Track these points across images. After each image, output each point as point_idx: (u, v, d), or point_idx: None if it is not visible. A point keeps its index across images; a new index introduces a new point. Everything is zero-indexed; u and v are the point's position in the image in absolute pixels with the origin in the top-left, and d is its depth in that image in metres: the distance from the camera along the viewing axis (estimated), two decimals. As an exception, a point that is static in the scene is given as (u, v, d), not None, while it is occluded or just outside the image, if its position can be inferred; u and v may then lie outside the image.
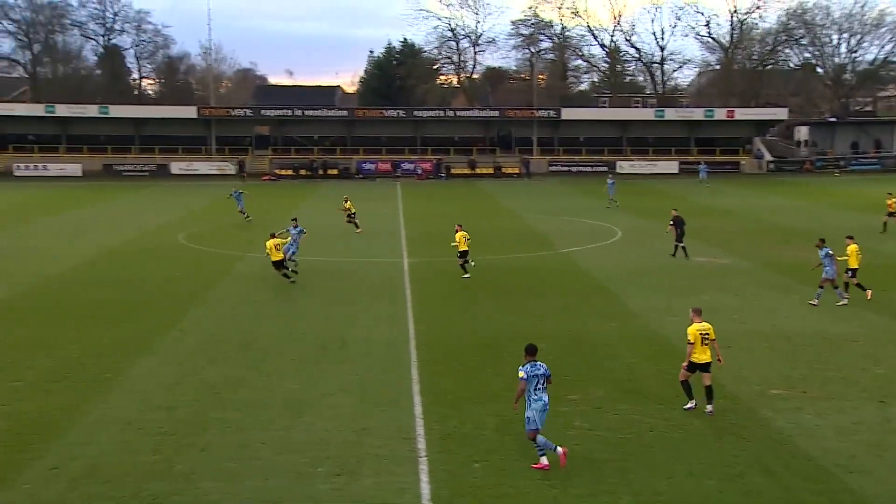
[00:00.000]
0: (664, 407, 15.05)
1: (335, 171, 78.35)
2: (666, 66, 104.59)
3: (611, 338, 19.75)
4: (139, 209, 49.98)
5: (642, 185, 67.03)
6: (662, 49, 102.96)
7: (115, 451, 13.12)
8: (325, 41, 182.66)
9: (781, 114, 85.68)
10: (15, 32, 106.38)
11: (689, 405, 14.74)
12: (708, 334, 14.50)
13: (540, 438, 12.45)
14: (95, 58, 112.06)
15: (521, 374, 12.36)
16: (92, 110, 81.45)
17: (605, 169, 79.41)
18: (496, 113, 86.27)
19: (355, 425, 14.18)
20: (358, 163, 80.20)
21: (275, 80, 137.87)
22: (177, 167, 79.39)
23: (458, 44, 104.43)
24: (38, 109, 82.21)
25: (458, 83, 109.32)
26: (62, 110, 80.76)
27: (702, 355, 14.47)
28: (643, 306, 22.98)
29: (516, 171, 78.63)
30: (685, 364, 14.60)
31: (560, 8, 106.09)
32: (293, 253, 28.53)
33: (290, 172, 77.85)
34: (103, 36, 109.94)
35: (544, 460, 12.46)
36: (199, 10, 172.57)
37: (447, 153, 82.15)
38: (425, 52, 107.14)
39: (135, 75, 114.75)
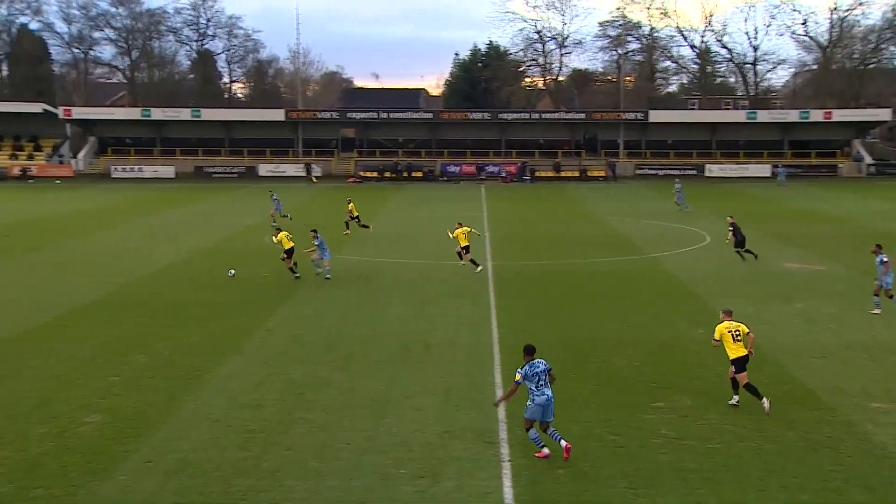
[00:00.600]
0: (755, 417, 14.64)
1: (419, 174, 78.90)
2: (759, 67, 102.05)
3: (699, 345, 19.32)
4: (228, 210, 51.28)
5: (732, 188, 65.47)
6: (755, 49, 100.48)
7: (205, 447, 13.48)
8: (410, 44, 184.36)
9: (884, 115, 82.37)
10: (115, 40, 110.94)
11: (765, 403, 14.73)
12: (738, 331, 14.96)
13: (532, 433, 12.96)
14: (189, 63, 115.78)
15: (518, 376, 12.86)
16: (185, 114, 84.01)
17: (693, 172, 77.92)
18: (582, 115, 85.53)
19: (438, 428, 14.23)
20: (442, 165, 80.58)
21: (361, 82, 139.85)
22: (264, 169, 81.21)
23: (543, 46, 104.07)
24: (134, 113, 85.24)
25: (543, 85, 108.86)
26: (157, 114, 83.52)
27: (736, 352, 14.88)
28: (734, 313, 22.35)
29: (602, 174, 77.77)
30: (732, 369, 14.95)
31: (649, 9, 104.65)
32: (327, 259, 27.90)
33: (374, 174, 78.76)
34: (196, 41, 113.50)
35: (546, 450, 12.91)
36: (288, 14, 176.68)
37: (532, 156, 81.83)
38: (511, 54, 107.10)
39: (225, 79, 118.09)
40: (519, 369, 12.96)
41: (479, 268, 28.48)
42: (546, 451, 13.00)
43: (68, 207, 51.56)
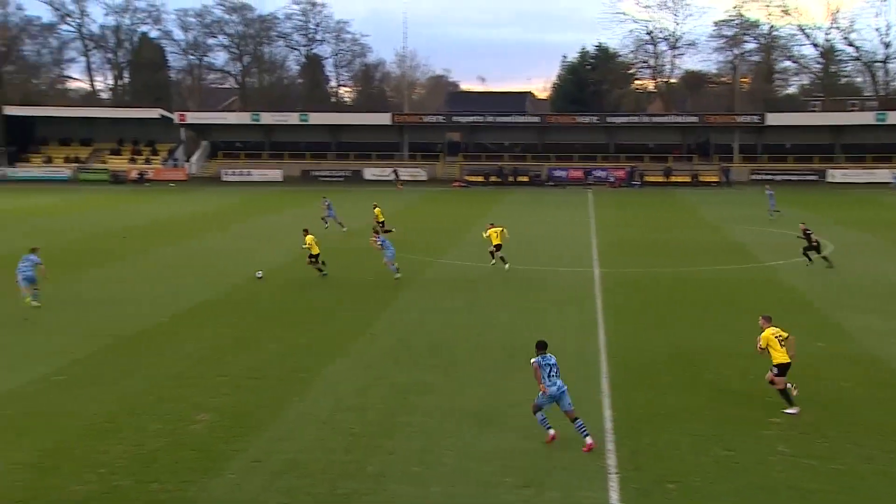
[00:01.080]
0: (885, 437, 13.98)
1: (525, 178, 78.70)
2: (890, 66, 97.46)
3: (818, 358, 18.60)
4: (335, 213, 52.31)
5: (859, 195, 62.77)
6: (887, 46, 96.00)
7: (311, 448, 13.79)
8: (516, 46, 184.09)
9: None
10: (228, 46, 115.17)
11: (792, 410, 14.99)
12: (781, 336, 15.38)
13: (540, 415, 13.98)
14: (297, 67, 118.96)
15: (534, 363, 13.97)
16: (293, 118, 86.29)
17: (814, 178, 75.10)
18: (694, 118, 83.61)
19: (543, 436, 14.14)
20: (549, 170, 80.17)
21: (466, 86, 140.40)
22: (370, 173, 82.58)
23: (655, 47, 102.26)
24: (245, 118, 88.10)
25: (654, 88, 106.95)
26: (266, 118, 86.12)
27: (783, 357, 15.18)
28: (857, 326, 21.50)
29: (715, 179, 75.81)
30: (774, 371, 15.15)
31: (768, 6, 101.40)
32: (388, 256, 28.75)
33: (480, 179, 79.00)
34: (305, 46, 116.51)
35: (551, 432, 13.87)
36: (395, 18, 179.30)
37: (641, 160, 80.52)
38: (620, 56, 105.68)
39: (333, 83, 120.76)
40: (532, 360, 14.04)
41: (508, 265, 30.38)
42: (552, 432, 13.87)
43: (182, 210, 53.62)
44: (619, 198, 64.09)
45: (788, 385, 15.21)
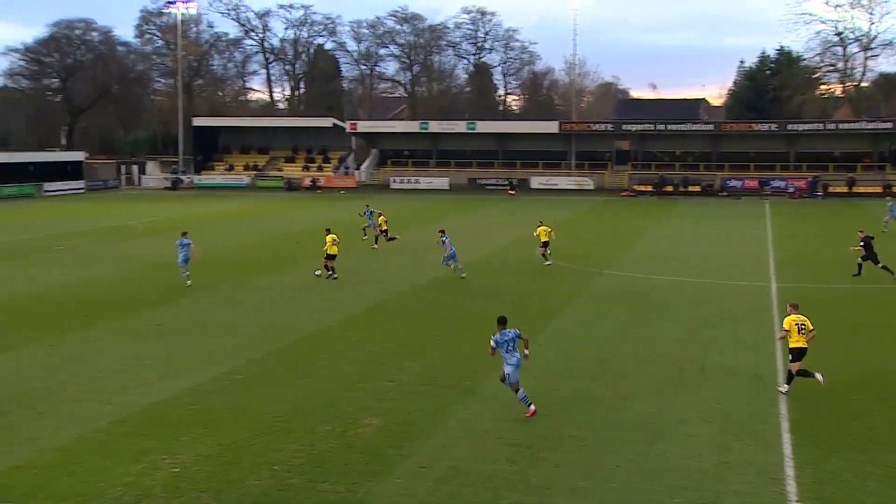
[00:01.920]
0: None
1: (697, 188, 76.39)
2: None
3: None
4: (500, 222, 52.66)
5: None
6: None
7: (474, 456, 13.91)
8: (691, 52, 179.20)
9: None
10: (399, 55, 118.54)
11: (818, 376, 16.33)
12: (804, 325, 16.52)
13: (520, 392, 15.46)
14: (466, 76, 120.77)
15: (492, 343, 15.59)
16: (460, 126, 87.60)
17: None
18: (888, 125, 78.48)
19: (715, 457, 13.65)
20: (722, 179, 77.47)
21: (637, 93, 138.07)
22: (536, 181, 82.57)
23: (845, 49, 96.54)
24: (413, 126, 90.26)
25: (841, 93, 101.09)
26: (434, 126, 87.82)
27: (799, 343, 16.44)
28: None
29: (909, 189, 70.86)
30: (791, 357, 16.48)
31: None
32: (451, 257, 31.05)
33: (648, 188, 77.36)
34: (474, 55, 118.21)
35: (532, 408, 15.38)
36: (564, 26, 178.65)
37: (825, 169, 76.40)
38: (805, 59, 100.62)
39: (500, 91, 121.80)
40: (492, 337, 15.64)
41: (548, 263, 33.14)
42: (532, 408, 15.48)
43: (351, 217, 55.42)
44: (799, 209, 61.07)
45: (818, 375, 16.40)
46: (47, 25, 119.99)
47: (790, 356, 16.64)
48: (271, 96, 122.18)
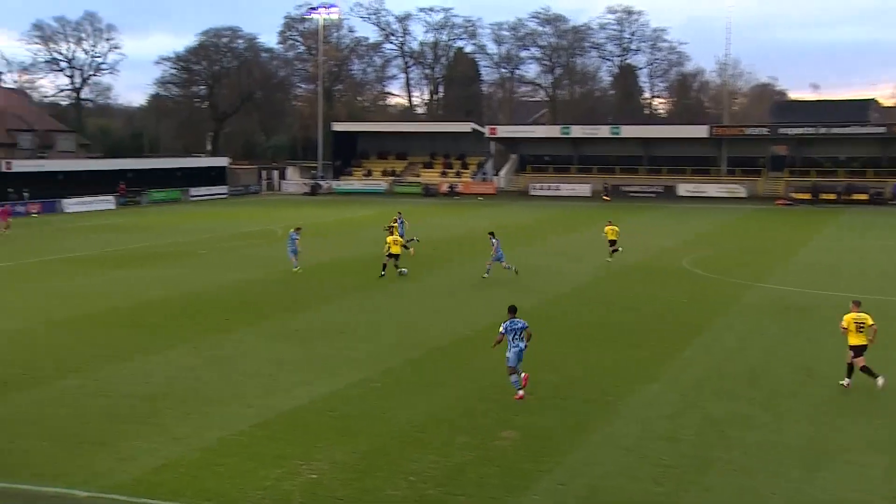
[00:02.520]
0: None
1: (863, 196, 72.70)
2: None
3: None
4: (644, 231, 51.71)
5: None
6: None
7: (616, 475, 13.66)
8: (859, 48, 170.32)
9: None
10: (540, 58, 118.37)
11: (879, 380, 17.57)
12: (864, 323, 17.82)
13: (513, 377, 17.40)
14: (610, 78, 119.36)
15: (501, 329, 17.40)
16: (603, 131, 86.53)
17: None
18: None
19: (886, 491, 12.91)
20: (893, 187, 73.39)
21: (796, 94, 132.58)
22: (683, 189, 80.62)
23: None
24: (554, 131, 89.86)
25: None
26: (576, 131, 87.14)
27: (856, 340, 17.77)
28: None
29: None
30: (851, 354, 17.89)
31: None
32: (497, 259, 32.79)
33: (807, 196, 74.20)
34: (619, 56, 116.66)
35: (521, 392, 17.31)
36: (716, 24, 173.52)
37: None
38: None
39: (646, 94, 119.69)
40: (502, 324, 17.49)
41: (614, 254, 37.34)
42: (521, 393, 17.26)
43: (490, 224, 55.67)
44: (981, 220, 57.15)
45: (879, 380, 17.56)
46: (197, 34, 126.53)
47: (851, 352, 17.93)
48: (410, 101, 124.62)
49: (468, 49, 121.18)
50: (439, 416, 16.60)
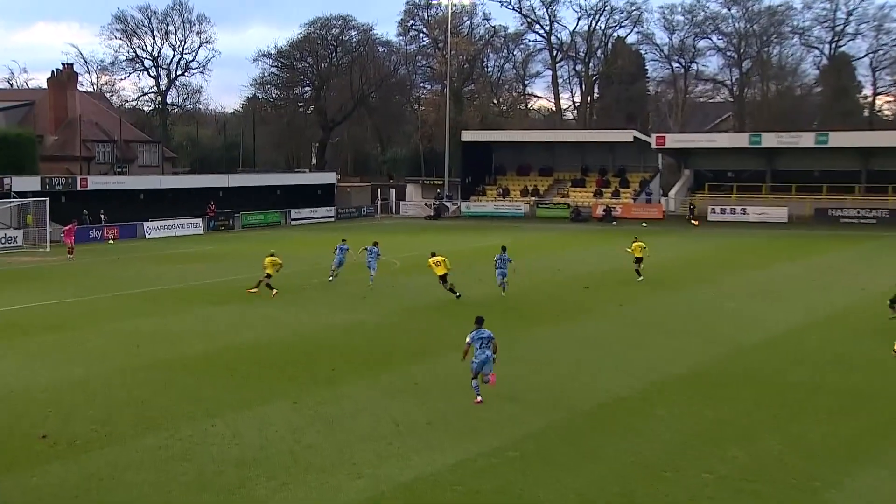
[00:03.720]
0: None
1: None
2: None
3: None
4: (860, 267, 49.99)
5: None
6: None
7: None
8: None
9: None
10: (723, 48, 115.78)
11: None
12: None
13: (474, 382, 22.00)
14: (816, 72, 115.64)
15: (468, 339, 22.13)
16: (806, 139, 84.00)
17: None
18: None
19: None
20: None
21: None
22: (911, 213, 77.63)
23: None
24: (740, 140, 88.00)
25: None
26: (769, 140, 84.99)
27: None
28: None
29: None
30: None
31: None
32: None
33: None
34: (829, 43, 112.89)
35: (479, 398, 21.86)
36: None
37: None
38: None
39: (867, 91, 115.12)
40: (469, 334, 22.19)
41: (641, 278, 43.00)
42: (479, 398, 21.87)
43: (658, 256, 55.00)
44: None
45: None
46: (302, 26, 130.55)
47: None
48: (557, 104, 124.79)
49: (631, 39, 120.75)
50: (591, 498, 16.38)
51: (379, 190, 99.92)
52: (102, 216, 72.17)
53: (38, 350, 29.12)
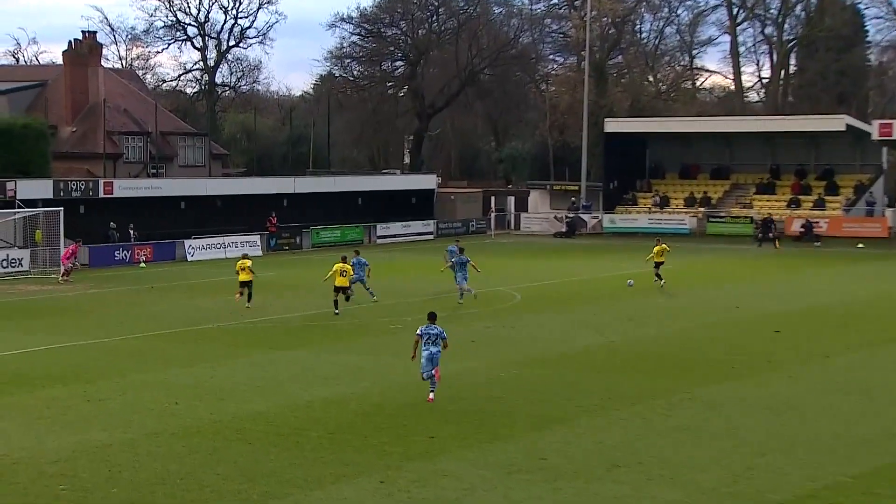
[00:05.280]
0: None
1: None
2: None
3: None
4: None
5: None
6: None
7: None
8: None
9: None
10: None
11: None
12: None
13: (426, 374, 29.32)
14: None
15: (418, 331, 29.59)
16: None
17: None
18: None
19: None
20: None
21: None
22: None
23: None
24: None
25: None
26: None
27: None
28: None
29: None
30: None
31: None
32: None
33: None
34: None
35: (431, 395, 29.17)
36: None
37: None
38: None
39: None
40: (420, 328, 29.67)
41: (662, 282, 53.33)
42: (431, 396, 29.14)
43: (875, 289, 54.07)
44: None
45: None
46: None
47: None
48: (737, 81, 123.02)
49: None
50: None
51: (493, 198, 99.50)
52: (131, 232, 72.77)
53: (46, 408, 29.43)
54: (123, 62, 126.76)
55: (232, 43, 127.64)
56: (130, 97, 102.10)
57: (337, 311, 44.32)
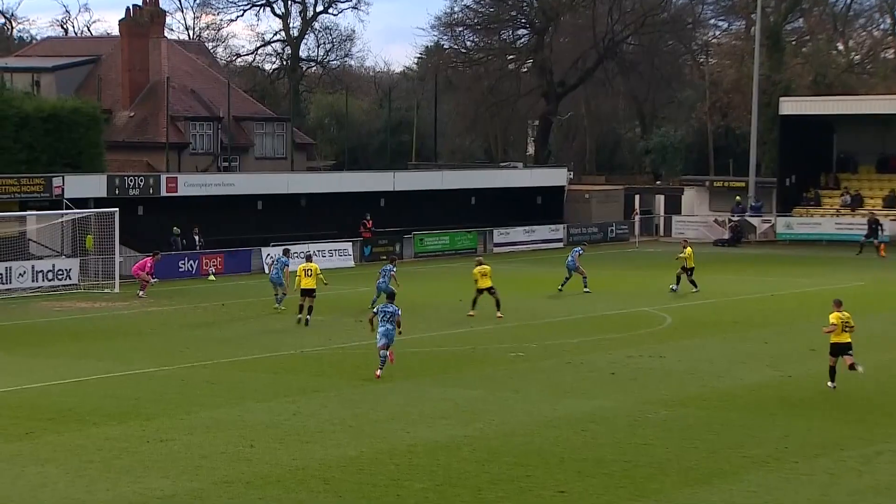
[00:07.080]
0: None
1: None
2: None
3: None
4: None
5: None
6: None
7: None
8: None
9: None
10: None
11: (831, 384, 36.01)
12: (849, 322, 36.24)
13: (381, 352, 38.07)
14: None
15: (375, 309, 41.15)
16: None
17: None
18: None
19: None
20: None
21: None
22: None
23: None
24: None
25: None
26: None
27: (842, 339, 36.25)
28: None
29: None
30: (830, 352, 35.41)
31: None
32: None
33: None
34: None
35: (378, 372, 38.03)
36: None
37: None
38: None
39: None
40: (378, 306, 42.20)
41: (697, 290, 58.76)
42: (379, 372, 37.83)
43: None
44: None
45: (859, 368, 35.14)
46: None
47: (831, 353, 35.57)
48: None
49: None
50: None
51: (637, 197, 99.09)
52: (197, 238, 73.68)
53: (98, 450, 29.79)
54: (190, 33, 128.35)
55: (320, 8, 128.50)
56: (198, 75, 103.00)
57: (472, 312, 46.56)
